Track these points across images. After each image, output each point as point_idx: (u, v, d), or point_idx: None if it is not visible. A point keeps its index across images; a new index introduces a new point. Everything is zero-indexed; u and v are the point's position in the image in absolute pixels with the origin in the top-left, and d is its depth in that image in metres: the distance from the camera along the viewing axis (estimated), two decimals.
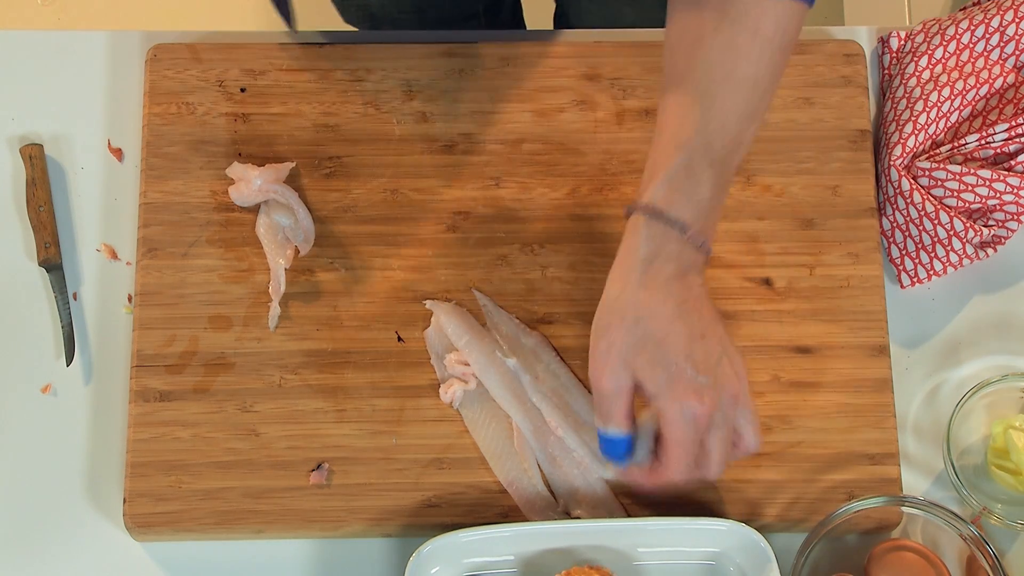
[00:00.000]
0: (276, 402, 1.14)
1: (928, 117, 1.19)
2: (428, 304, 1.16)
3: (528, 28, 1.82)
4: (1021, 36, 1.21)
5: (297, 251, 1.17)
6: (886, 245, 1.20)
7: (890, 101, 1.22)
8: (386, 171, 1.19)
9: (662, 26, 1.04)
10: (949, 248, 1.17)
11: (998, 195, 1.17)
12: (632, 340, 1.00)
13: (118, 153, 1.22)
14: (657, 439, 1.03)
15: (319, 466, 1.13)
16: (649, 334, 1.00)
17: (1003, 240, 1.19)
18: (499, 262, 1.18)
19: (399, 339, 1.16)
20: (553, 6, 1.71)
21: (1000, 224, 1.18)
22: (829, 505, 1.12)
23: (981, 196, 1.17)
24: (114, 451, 1.14)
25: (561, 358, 1.15)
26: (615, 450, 1.04)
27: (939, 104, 1.19)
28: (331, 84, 1.21)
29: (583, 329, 1.16)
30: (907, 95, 1.21)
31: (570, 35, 1.25)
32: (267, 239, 1.17)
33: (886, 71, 1.25)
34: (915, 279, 1.19)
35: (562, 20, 1.71)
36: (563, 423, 1.13)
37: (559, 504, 1.13)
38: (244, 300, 1.16)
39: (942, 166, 1.18)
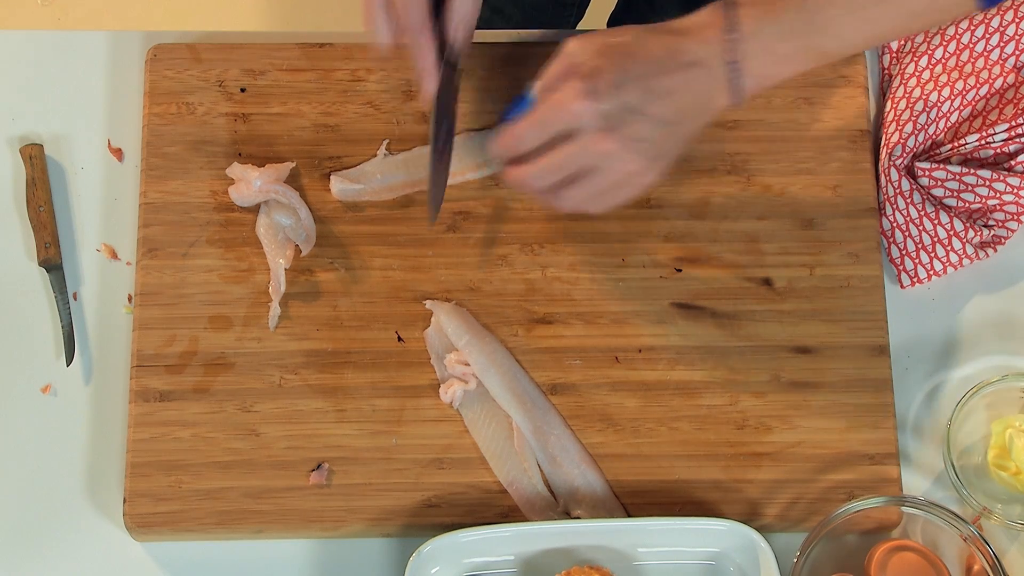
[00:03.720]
0: (276, 402, 1.14)
1: (928, 117, 1.19)
2: (428, 304, 1.16)
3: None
4: (1021, 36, 1.21)
5: (298, 251, 1.17)
6: (886, 245, 1.20)
7: (890, 101, 1.22)
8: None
9: None
10: (949, 248, 1.17)
11: (998, 195, 1.17)
12: (609, 43, 1.03)
13: (118, 153, 1.22)
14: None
15: (319, 466, 1.13)
16: (625, 46, 1.02)
17: (1003, 240, 1.19)
18: (499, 262, 1.18)
19: (399, 339, 1.16)
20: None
21: (1000, 224, 1.18)
22: (829, 505, 1.12)
23: (981, 196, 1.17)
24: (114, 451, 1.14)
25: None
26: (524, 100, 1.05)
27: (939, 104, 1.19)
28: (331, 84, 1.21)
29: (583, 329, 1.16)
30: (907, 95, 1.21)
31: (571, 35, 1.24)
32: (267, 239, 1.17)
33: (886, 71, 1.25)
34: (915, 279, 1.19)
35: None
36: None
37: (559, 504, 1.13)
38: (244, 300, 1.16)
39: (942, 166, 1.18)
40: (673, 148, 1.05)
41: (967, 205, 1.18)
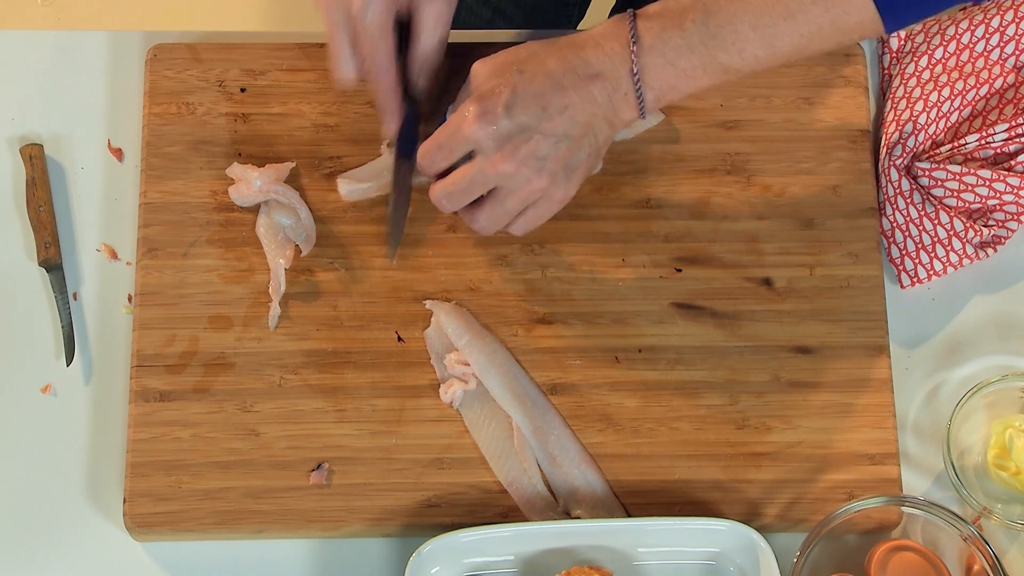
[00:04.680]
0: (276, 402, 1.14)
1: (928, 117, 1.19)
2: (428, 304, 1.16)
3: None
4: (1021, 36, 1.21)
5: (298, 251, 1.17)
6: (886, 245, 1.20)
7: (890, 101, 1.22)
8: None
9: None
10: (949, 248, 1.17)
11: (998, 195, 1.17)
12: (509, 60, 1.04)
13: (118, 153, 1.22)
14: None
15: (319, 466, 1.13)
16: (521, 64, 1.04)
17: (1003, 240, 1.19)
18: (499, 262, 1.18)
19: (399, 339, 1.16)
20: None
21: (1000, 224, 1.19)
22: (829, 505, 1.12)
23: (981, 196, 1.17)
24: (114, 451, 1.14)
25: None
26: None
27: (939, 104, 1.19)
28: (331, 84, 1.21)
29: (583, 329, 1.16)
30: (907, 95, 1.21)
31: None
32: (267, 239, 1.17)
33: (886, 71, 1.25)
34: (915, 279, 1.19)
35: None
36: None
37: (559, 504, 1.13)
38: (244, 300, 1.16)
39: (942, 166, 1.18)
40: (579, 162, 1.06)
41: (967, 205, 1.18)
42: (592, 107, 1.03)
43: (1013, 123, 1.18)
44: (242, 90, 1.21)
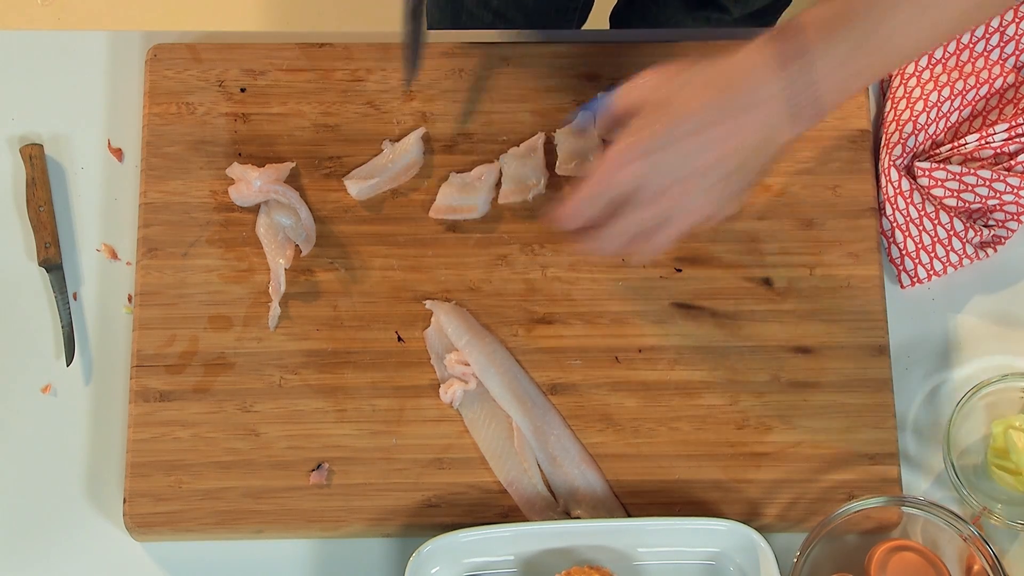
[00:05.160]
0: (276, 402, 1.14)
1: (928, 117, 1.19)
2: (428, 304, 1.16)
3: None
4: (1021, 36, 1.21)
5: (298, 251, 1.17)
6: (886, 245, 1.20)
7: (890, 101, 1.22)
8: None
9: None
10: (949, 248, 1.17)
11: (998, 195, 1.17)
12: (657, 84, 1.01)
13: (118, 153, 1.22)
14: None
15: (319, 466, 1.13)
16: (674, 98, 1.00)
17: (1003, 240, 1.19)
18: (499, 262, 1.18)
19: (399, 339, 1.16)
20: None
21: (1000, 224, 1.19)
22: (829, 505, 1.12)
23: (981, 196, 1.17)
24: (114, 451, 1.14)
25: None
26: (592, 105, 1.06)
27: (939, 104, 1.19)
28: (331, 84, 1.21)
29: (583, 329, 1.16)
30: (907, 95, 1.21)
31: (570, 35, 1.25)
32: (267, 239, 1.17)
33: None
34: (915, 279, 1.19)
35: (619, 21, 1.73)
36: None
37: (559, 504, 1.13)
38: (244, 300, 1.16)
39: (942, 166, 1.18)
40: (740, 185, 1.02)
41: (967, 205, 1.18)
42: (751, 135, 0.99)
43: (1013, 123, 1.18)
44: (242, 90, 1.21)
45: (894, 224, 1.19)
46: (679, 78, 1.01)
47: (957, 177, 1.17)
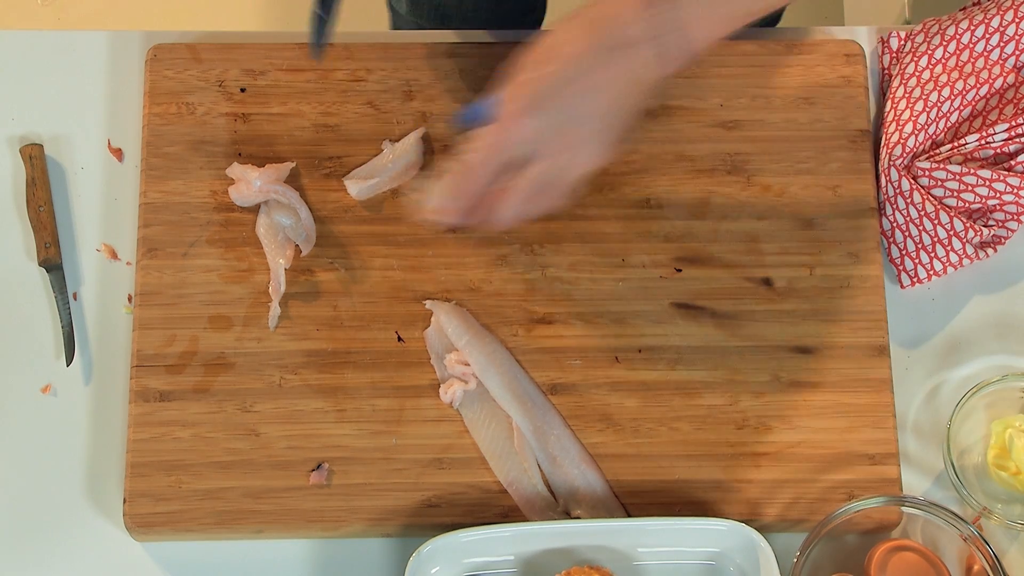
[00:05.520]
0: (276, 402, 1.14)
1: (928, 117, 1.19)
2: (428, 304, 1.16)
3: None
4: (1021, 36, 1.21)
5: (298, 251, 1.17)
6: (886, 245, 1.20)
7: (890, 101, 1.22)
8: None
9: None
10: (949, 248, 1.17)
11: (998, 195, 1.17)
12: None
13: (118, 153, 1.22)
14: None
15: (319, 466, 1.13)
16: (551, 52, 1.02)
17: (1003, 240, 1.19)
18: (499, 262, 1.18)
19: (399, 339, 1.16)
20: None
21: (1000, 224, 1.19)
22: (829, 505, 1.12)
23: (981, 196, 1.17)
24: (114, 451, 1.14)
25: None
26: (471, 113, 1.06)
27: (939, 104, 1.19)
28: (331, 84, 1.21)
29: (583, 329, 1.16)
30: (907, 95, 1.21)
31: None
32: (267, 239, 1.17)
33: (886, 71, 1.25)
34: (915, 279, 1.19)
35: None
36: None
37: (559, 504, 1.13)
38: (244, 300, 1.16)
39: (942, 166, 1.18)
40: (621, 127, 1.04)
41: (967, 205, 1.18)
42: (623, 75, 1.02)
43: (1013, 123, 1.18)
44: (242, 90, 1.21)
45: (894, 224, 1.19)
46: (555, 32, 1.03)
47: (957, 177, 1.17)
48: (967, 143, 1.19)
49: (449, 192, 1.05)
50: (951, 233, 1.17)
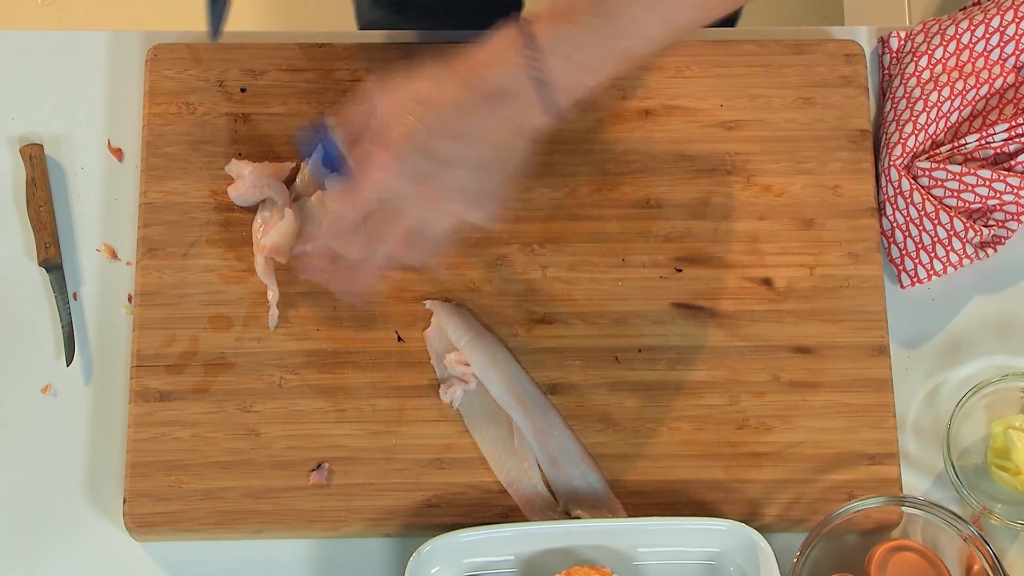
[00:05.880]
0: (276, 402, 1.14)
1: (928, 117, 1.19)
2: (428, 304, 1.16)
3: None
4: (1021, 36, 1.21)
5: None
6: (886, 245, 1.20)
7: (890, 101, 1.22)
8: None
9: None
10: (949, 248, 1.17)
11: (998, 195, 1.17)
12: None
13: (118, 153, 1.22)
14: None
15: (319, 466, 1.13)
16: (422, 96, 0.98)
17: (1003, 240, 1.19)
18: (499, 262, 1.18)
19: (399, 339, 1.16)
20: None
21: (1000, 224, 1.19)
22: (829, 505, 1.12)
23: (981, 196, 1.17)
24: (114, 451, 1.14)
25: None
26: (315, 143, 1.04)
27: (939, 104, 1.19)
28: (331, 84, 1.21)
29: (583, 329, 1.16)
30: (907, 95, 1.21)
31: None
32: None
33: (886, 71, 1.25)
34: (915, 279, 1.19)
35: None
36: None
37: (559, 504, 1.13)
38: (244, 300, 1.16)
39: (942, 166, 1.18)
40: (497, 181, 1.01)
41: (967, 205, 1.18)
42: (502, 125, 0.98)
43: (1013, 123, 1.18)
44: (242, 90, 1.21)
45: (894, 224, 1.19)
46: (430, 73, 1.00)
47: (957, 177, 1.17)
48: (967, 143, 1.19)
49: (316, 254, 1.04)
50: (951, 233, 1.17)
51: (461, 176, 0.99)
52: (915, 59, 1.22)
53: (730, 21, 1.62)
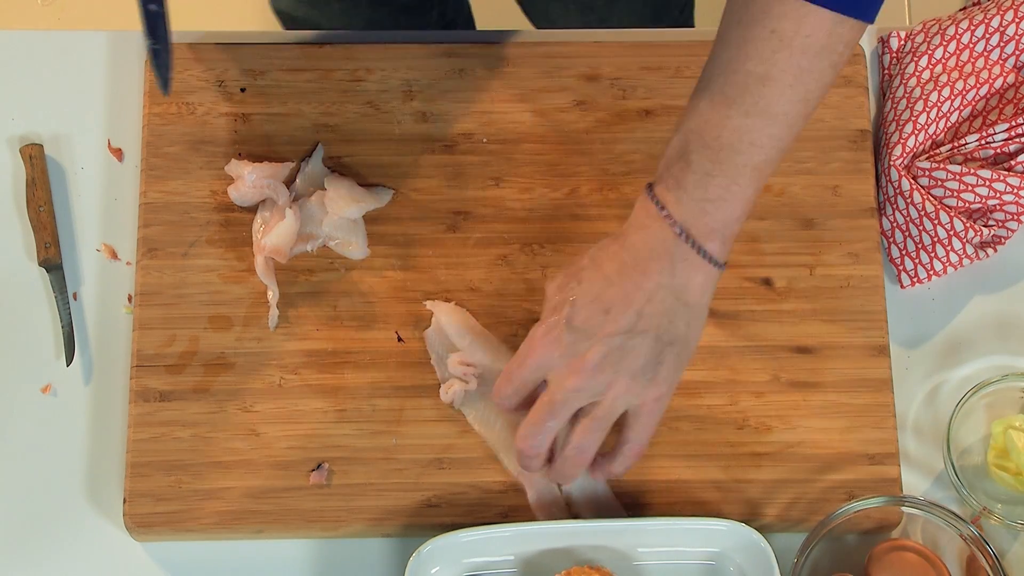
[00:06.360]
0: (276, 402, 1.14)
1: (928, 117, 1.19)
2: (428, 304, 1.16)
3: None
4: (1021, 36, 1.21)
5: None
6: (886, 245, 1.20)
7: (890, 101, 1.22)
8: (386, 171, 1.19)
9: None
10: (949, 248, 1.17)
11: (998, 195, 1.17)
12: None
13: (118, 153, 1.22)
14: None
15: (319, 466, 1.13)
16: (581, 268, 1.00)
17: (1003, 240, 1.19)
18: (499, 262, 1.18)
19: (399, 339, 1.16)
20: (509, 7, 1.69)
21: (1000, 224, 1.18)
22: (829, 505, 1.12)
23: (981, 196, 1.17)
24: (114, 451, 1.14)
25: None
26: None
27: (939, 104, 1.19)
28: (331, 84, 1.21)
29: None
30: (907, 95, 1.21)
31: (570, 35, 1.25)
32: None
33: (886, 71, 1.25)
34: (915, 279, 1.19)
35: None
36: None
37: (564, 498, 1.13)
38: (244, 300, 1.16)
39: (942, 166, 1.18)
40: (663, 353, 1.00)
41: (967, 205, 1.18)
42: (656, 292, 0.98)
43: (1013, 123, 1.18)
44: (242, 90, 1.21)
45: (894, 224, 1.19)
46: (590, 253, 1.01)
47: (957, 177, 1.17)
48: (967, 143, 1.19)
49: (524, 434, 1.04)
50: (951, 233, 1.17)
51: (609, 348, 0.99)
52: (915, 59, 1.22)
53: (687, 20, 1.62)
